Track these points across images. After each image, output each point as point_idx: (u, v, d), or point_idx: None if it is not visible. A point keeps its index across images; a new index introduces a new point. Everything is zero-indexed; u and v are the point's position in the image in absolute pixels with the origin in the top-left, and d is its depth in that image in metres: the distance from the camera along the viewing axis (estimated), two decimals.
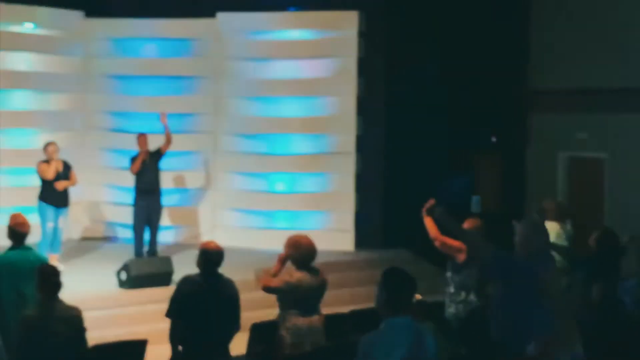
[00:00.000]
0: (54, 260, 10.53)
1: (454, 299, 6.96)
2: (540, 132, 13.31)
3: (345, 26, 12.82)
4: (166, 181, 12.60)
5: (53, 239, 10.61)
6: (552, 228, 7.71)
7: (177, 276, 9.32)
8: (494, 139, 13.44)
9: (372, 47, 12.88)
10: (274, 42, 13.10)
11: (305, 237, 6.34)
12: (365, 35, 12.87)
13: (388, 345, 4.29)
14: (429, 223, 6.81)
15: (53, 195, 10.56)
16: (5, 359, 5.03)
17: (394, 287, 4.41)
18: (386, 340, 4.31)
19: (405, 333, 4.33)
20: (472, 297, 6.87)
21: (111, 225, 13.61)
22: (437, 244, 6.93)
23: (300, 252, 6.20)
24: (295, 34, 13.10)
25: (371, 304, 6.01)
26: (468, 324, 6.53)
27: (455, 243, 6.87)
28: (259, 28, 13.18)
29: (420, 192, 7.51)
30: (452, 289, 7.01)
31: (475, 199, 5.94)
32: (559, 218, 8.44)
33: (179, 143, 12.83)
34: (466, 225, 6.77)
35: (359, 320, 7.28)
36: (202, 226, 13.34)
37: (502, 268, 5.60)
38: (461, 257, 6.91)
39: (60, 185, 10.55)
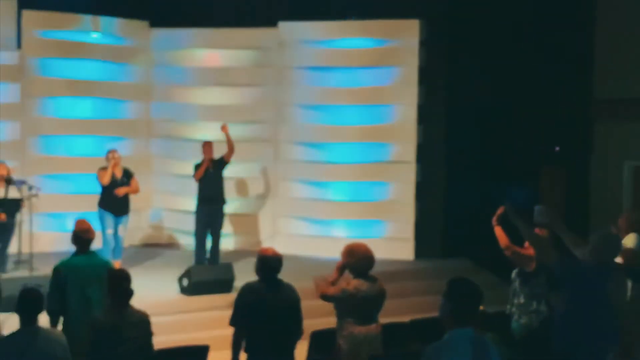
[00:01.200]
0: (117, 266, 10.73)
1: (525, 310, 6.88)
2: (605, 141, 13.09)
3: (406, 35, 12.81)
4: (227, 189, 12.74)
5: (115, 245, 10.78)
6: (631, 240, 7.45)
7: (238, 283, 9.39)
8: (557, 149, 13.25)
9: (433, 55, 12.83)
10: (335, 51, 13.14)
11: (363, 245, 6.32)
12: (426, 44, 12.83)
13: (452, 356, 4.25)
14: (499, 232, 6.75)
15: (112, 203, 10.69)
16: (70, 358, 5.09)
17: (460, 297, 4.35)
18: (451, 352, 4.26)
19: (469, 345, 4.28)
20: (542, 307, 6.79)
21: (174, 232, 13.81)
22: (507, 253, 6.87)
23: (357, 260, 6.17)
24: (356, 43, 13.13)
25: (431, 314, 5.99)
26: (540, 334, 6.46)
27: (526, 252, 6.80)
28: (320, 37, 13.25)
29: (481, 201, 7.45)
30: (522, 299, 6.93)
31: (537, 209, 5.88)
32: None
33: (240, 151, 12.98)
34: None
35: (419, 330, 7.24)
36: (262, 234, 13.44)
37: (570, 274, 5.56)
38: (531, 266, 6.84)
39: (120, 191, 10.69)
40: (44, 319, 5.43)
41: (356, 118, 13.10)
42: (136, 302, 5.94)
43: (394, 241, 12.78)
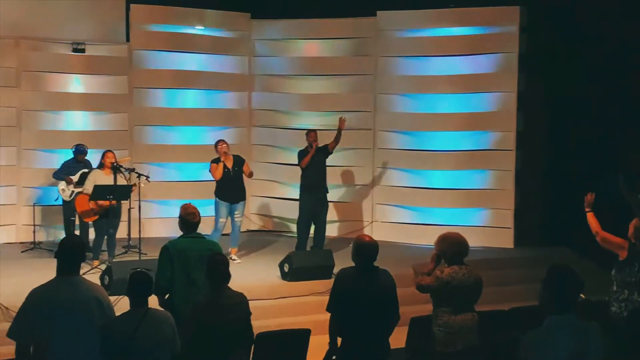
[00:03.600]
0: (232, 253, 11.04)
1: (616, 297, 6.80)
2: None
3: (506, 22, 12.67)
4: (328, 177, 12.92)
5: (232, 233, 11.05)
6: None
7: (337, 269, 9.52)
8: None
9: (533, 42, 12.64)
10: (434, 39, 13.10)
11: (456, 234, 6.28)
12: (527, 31, 12.66)
13: (553, 343, 4.23)
14: (590, 218, 6.67)
15: (227, 191, 10.90)
16: (178, 341, 5.28)
17: (560, 284, 4.32)
18: (551, 339, 4.25)
19: (571, 332, 4.27)
20: (635, 296, 6.69)
21: (273, 219, 14.08)
22: (598, 239, 6.82)
23: (450, 248, 6.14)
24: (455, 31, 13.06)
25: (531, 302, 5.97)
26: (629, 323, 6.36)
27: (617, 239, 6.71)
28: (418, 26, 13.24)
29: (582, 189, 7.36)
30: (614, 287, 6.85)
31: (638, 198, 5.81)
32: None
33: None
34: (633, 224, 6.62)
35: (519, 318, 7.22)
36: (361, 221, 13.56)
37: None
38: (623, 254, 6.75)
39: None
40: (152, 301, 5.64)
41: (455, 106, 13.04)
42: (239, 286, 6.08)
43: (493, 229, 12.71)
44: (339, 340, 5.95)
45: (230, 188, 10.89)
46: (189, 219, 6.51)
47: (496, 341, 6.43)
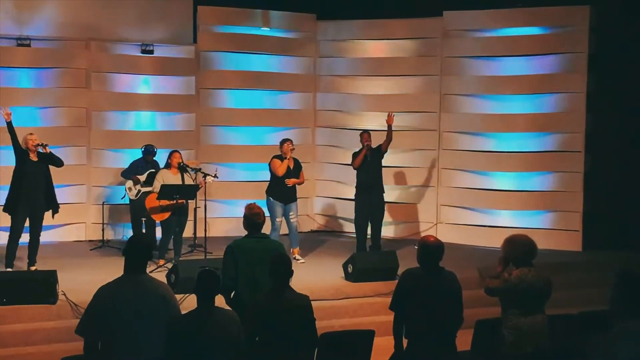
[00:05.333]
0: (295, 253, 11.09)
1: None
2: None
3: (576, 21, 12.45)
4: (390, 177, 12.88)
5: (290, 234, 11.12)
6: None
7: (401, 271, 9.48)
8: None
9: (603, 42, 12.41)
10: (501, 39, 12.95)
11: (524, 235, 6.22)
12: (596, 31, 12.42)
13: (622, 349, 4.15)
14: None
15: (281, 191, 10.97)
16: (243, 340, 5.31)
17: (631, 290, 4.26)
18: (620, 344, 4.17)
19: None
20: None
21: (337, 219, 14.09)
22: None
23: (518, 250, 6.07)
24: (523, 31, 12.89)
25: (601, 307, 5.85)
26: None
27: None
28: (485, 26, 13.11)
29: None
30: None
31: None
32: None
33: (404, 140, 13.10)
34: None
35: (587, 323, 7.08)
36: (423, 222, 13.49)
37: None
38: None
39: (290, 181, 11.02)
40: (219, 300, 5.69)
41: (522, 107, 12.87)
42: (303, 286, 6.10)
43: (560, 232, 12.51)
44: (405, 342, 5.92)
45: (285, 188, 10.96)
46: (254, 219, 6.54)
47: (565, 345, 6.32)
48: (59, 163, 9.95)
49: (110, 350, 4.97)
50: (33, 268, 9.75)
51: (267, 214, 10.79)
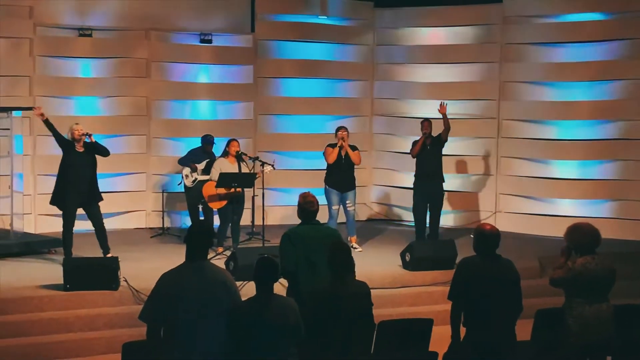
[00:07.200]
0: (352, 241, 11.08)
1: None
2: None
3: (637, 7, 12.18)
4: (449, 166, 12.77)
5: (347, 222, 11.09)
6: None
7: (459, 260, 9.41)
8: None
9: None
10: (562, 25, 12.75)
11: (587, 224, 6.12)
12: None
13: None
14: None
15: (337, 180, 10.95)
16: (302, 327, 5.34)
17: None
18: None
19: None
20: None
21: (395, 207, 14.05)
22: None
23: (581, 238, 5.98)
24: (585, 16, 12.65)
25: None
26: None
27: None
28: (546, 12, 12.91)
29: None
30: None
31: None
32: None
33: (463, 128, 12.98)
34: None
35: None
36: (482, 211, 13.37)
37: None
38: None
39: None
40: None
41: (584, 94, 12.66)
42: (361, 274, 6.11)
43: (623, 221, 12.29)
44: (463, 331, 5.89)
45: (341, 176, 10.93)
46: (307, 207, 6.58)
47: (632, 335, 6.21)
48: (104, 152, 9.88)
49: (172, 335, 5.04)
50: (109, 255, 9.65)
51: (323, 202, 10.90)
